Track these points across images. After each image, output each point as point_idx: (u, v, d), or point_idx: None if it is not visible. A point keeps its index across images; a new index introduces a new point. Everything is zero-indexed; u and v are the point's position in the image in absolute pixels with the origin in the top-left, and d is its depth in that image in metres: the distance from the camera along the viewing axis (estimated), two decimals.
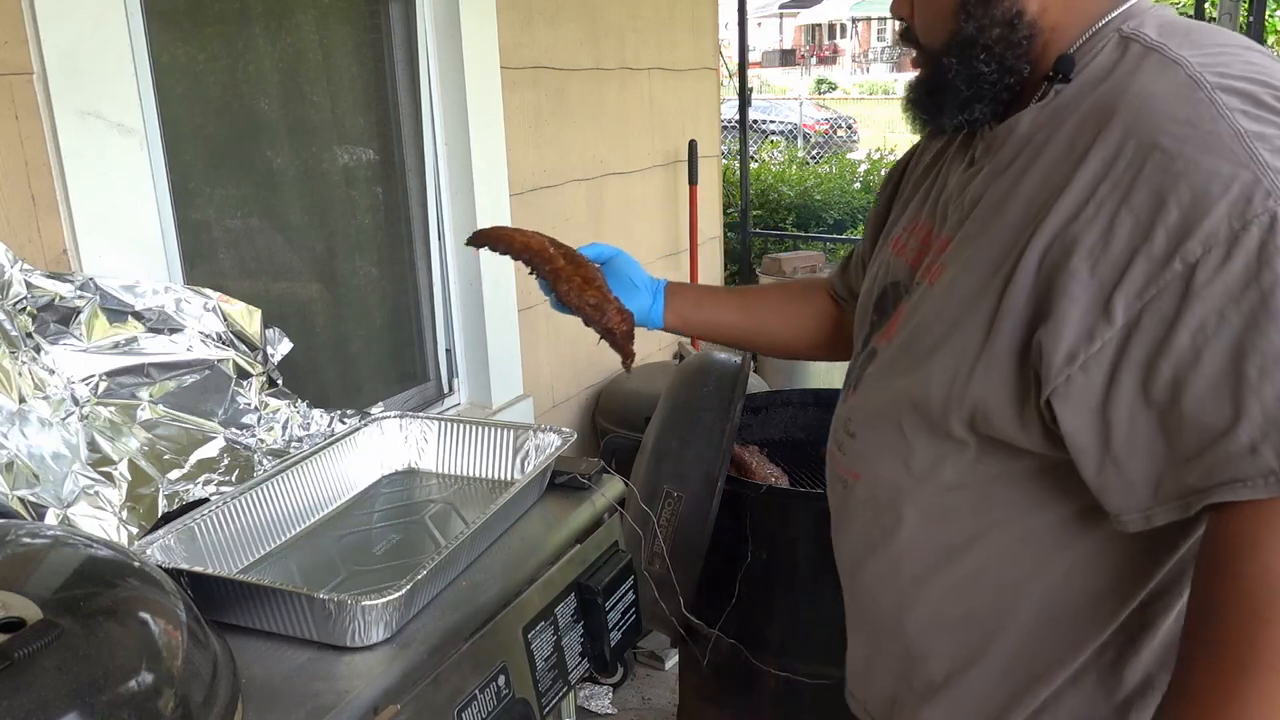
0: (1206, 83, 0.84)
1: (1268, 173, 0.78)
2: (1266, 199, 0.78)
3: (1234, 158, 0.79)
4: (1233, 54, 0.88)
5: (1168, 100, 0.84)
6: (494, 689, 1.20)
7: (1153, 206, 0.81)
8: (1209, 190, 0.79)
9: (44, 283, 1.46)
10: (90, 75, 1.60)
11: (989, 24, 0.95)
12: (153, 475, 1.44)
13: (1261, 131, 0.80)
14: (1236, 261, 0.78)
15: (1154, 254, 0.80)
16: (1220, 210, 0.78)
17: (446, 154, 2.54)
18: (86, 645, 0.82)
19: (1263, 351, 0.76)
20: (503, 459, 1.60)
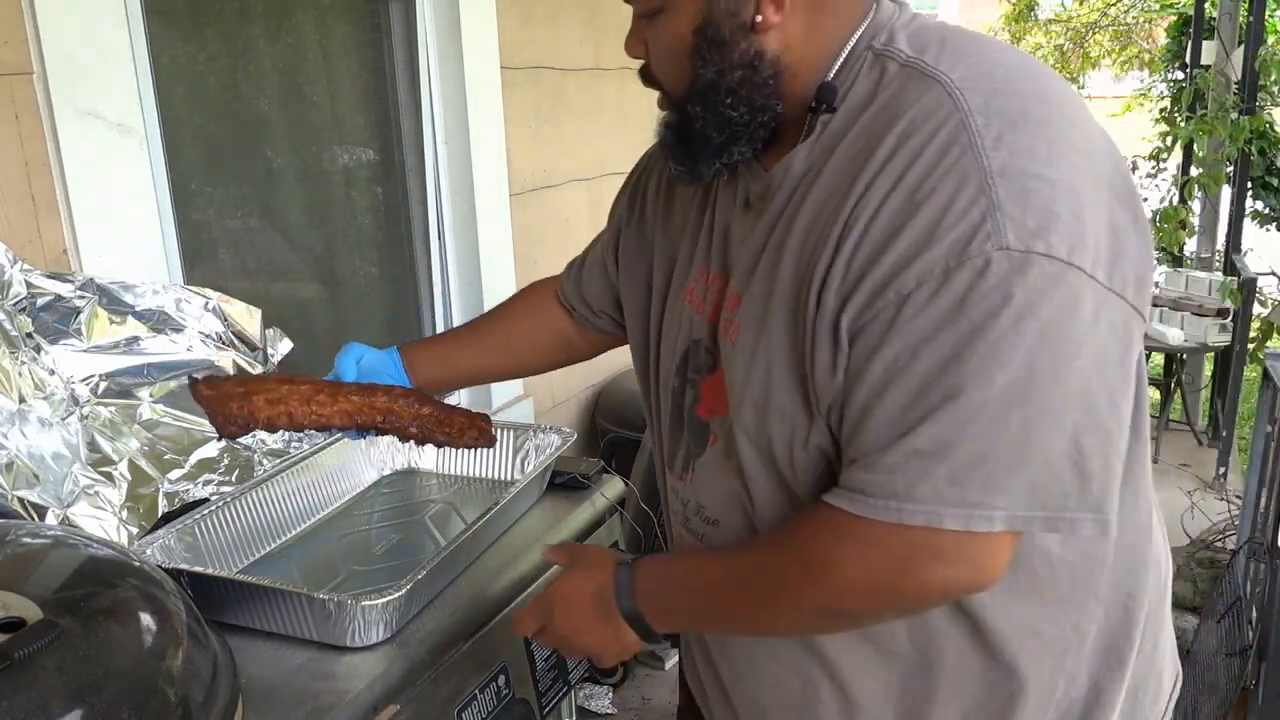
0: (965, 104, 0.80)
1: (996, 213, 0.76)
2: (985, 241, 0.76)
3: (972, 192, 0.77)
4: (992, 64, 0.84)
5: (925, 122, 0.81)
6: (494, 689, 1.20)
7: (889, 233, 0.79)
8: (938, 223, 0.77)
9: (44, 283, 1.46)
10: (90, 75, 1.60)
11: (728, 67, 0.89)
12: (153, 475, 1.44)
13: (1005, 165, 0.77)
14: (941, 300, 0.77)
15: (876, 279, 0.79)
16: (942, 245, 0.77)
17: (446, 154, 2.54)
18: (86, 645, 0.82)
19: (945, 391, 0.77)
20: (503, 459, 1.60)
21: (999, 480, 0.78)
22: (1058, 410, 0.78)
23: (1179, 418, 4.79)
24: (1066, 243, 0.76)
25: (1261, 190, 6.15)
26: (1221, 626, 2.50)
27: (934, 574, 0.81)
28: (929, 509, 0.78)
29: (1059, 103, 0.83)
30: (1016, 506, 0.78)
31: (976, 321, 0.76)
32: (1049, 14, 9.27)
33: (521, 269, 2.77)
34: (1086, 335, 0.78)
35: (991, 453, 0.77)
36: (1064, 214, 0.77)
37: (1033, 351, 0.76)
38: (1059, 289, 0.76)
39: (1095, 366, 0.79)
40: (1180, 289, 4.61)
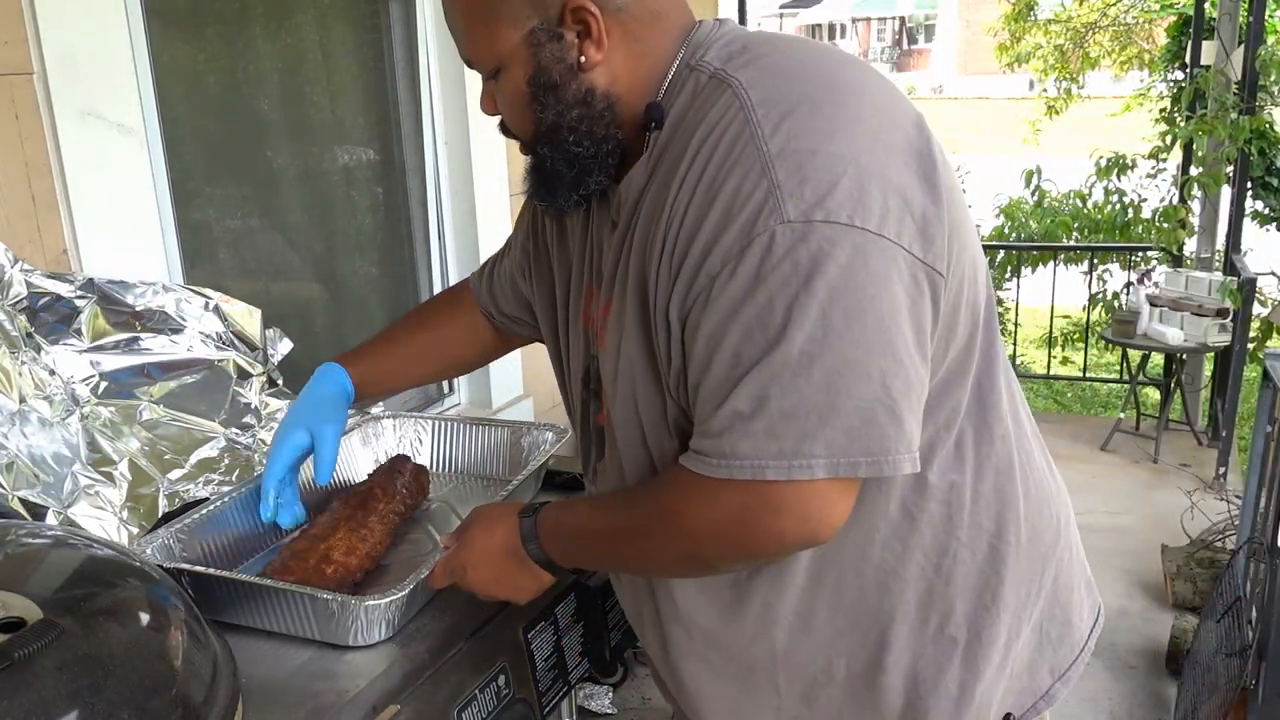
0: (748, 100, 0.88)
1: (776, 190, 0.84)
2: (770, 217, 0.83)
3: (755, 177, 0.85)
4: (782, 60, 0.92)
5: (718, 123, 0.89)
6: (494, 689, 1.20)
7: (695, 224, 0.88)
8: (730, 209, 0.85)
9: (44, 283, 1.46)
10: (90, 75, 1.60)
11: (565, 108, 0.97)
12: (153, 475, 1.44)
13: (782, 147, 0.85)
14: (740, 277, 0.85)
15: (690, 269, 0.88)
16: (735, 228, 0.85)
17: (446, 154, 2.54)
18: (86, 645, 0.82)
19: (751, 359, 0.85)
20: (499, 456, 1.61)
21: (813, 430, 0.84)
22: (861, 360, 0.84)
23: (1179, 418, 4.79)
24: (846, 208, 0.83)
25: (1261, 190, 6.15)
26: (1221, 626, 2.50)
27: (769, 525, 0.88)
28: (752, 463, 0.86)
29: (844, 85, 0.90)
30: (836, 453, 0.85)
31: (772, 289, 0.84)
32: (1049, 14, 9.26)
33: None
34: (879, 288, 0.84)
35: (802, 405, 0.84)
36: (843, 183, 0.84)
37: (825, 307, 0.83)
38: (841, 249, 0.83)
39: (891, 315, 0.85)
40: (1180, 289, 4.60)
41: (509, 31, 0.95)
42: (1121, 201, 5.40)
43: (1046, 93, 8.80)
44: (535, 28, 0.94)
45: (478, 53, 1.00)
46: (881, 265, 0.84)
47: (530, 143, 1.03)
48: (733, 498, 0.88)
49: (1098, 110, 9.16)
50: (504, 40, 0.96)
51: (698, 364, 0.89)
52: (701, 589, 1.03)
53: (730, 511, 0.89)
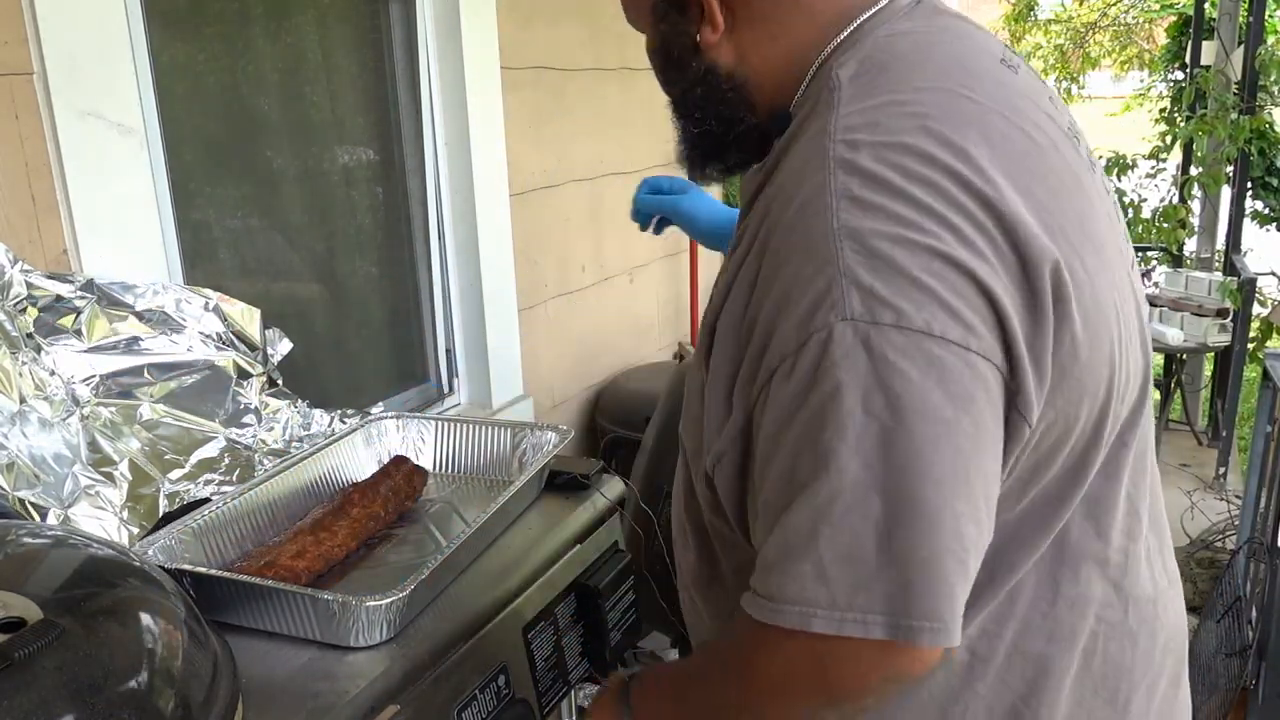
0: (831, 158, 0.75)
1: (840, 280, 0.70)
2: (829, 312, 0.70)
3: (819, 260, 0.72)
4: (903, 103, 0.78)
5: (797, 181, 0.77)
6: (494, 689, 1.20)
7: (758, 303, 0.77)
8: (790, 297, 0.73)
9: (44, 283, 1.46)
10: (90, 75, 1.60)
11: (687, 85, 0.92)
12: (153, 475, 1.44)
13: (857, 227, 0.71)
14: (795, 379, 0.72)
15: (753, 355, 0.77)
16: (792, 321, 0.72)
17: (446, 154, 2.54)
18: (86, 645, 0.82)
19: (801, 482, 0.72)
20: (501, 457, 1.61)
21: (867, 579, 0.70)
22: (930, 498, 0.69)
23: (1179, 418, 4.79)
24: (923, 311, 0.69)
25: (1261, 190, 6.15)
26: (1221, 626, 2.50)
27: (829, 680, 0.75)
28: (800, 610, 0.72)
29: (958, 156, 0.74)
30: (896, 612, 0.70)
31: (824, 400, 0.70)
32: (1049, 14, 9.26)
33: (521, 269, 2.77)
34: (958, 412, 0.70)
35: (856, 548, 0.70)
36: (921, 277, 0.70)
37: (887, 429, 0.69)
38: (913, 362, 0.69)
39: (972, 447, 0.71)
40: (1180, 289, 4.61)
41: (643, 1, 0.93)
42: (1121, 201, 5.40)
43: None
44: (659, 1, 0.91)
45: (630, 17, 0.97)
46: (965, 386, 0.70)
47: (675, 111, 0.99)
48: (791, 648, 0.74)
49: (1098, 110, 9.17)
50: (639, 8, 0.94)
51: (758, 469, 0.77)
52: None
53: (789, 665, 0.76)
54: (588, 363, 3.18)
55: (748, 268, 0.80)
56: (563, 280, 3.02)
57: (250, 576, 1.16)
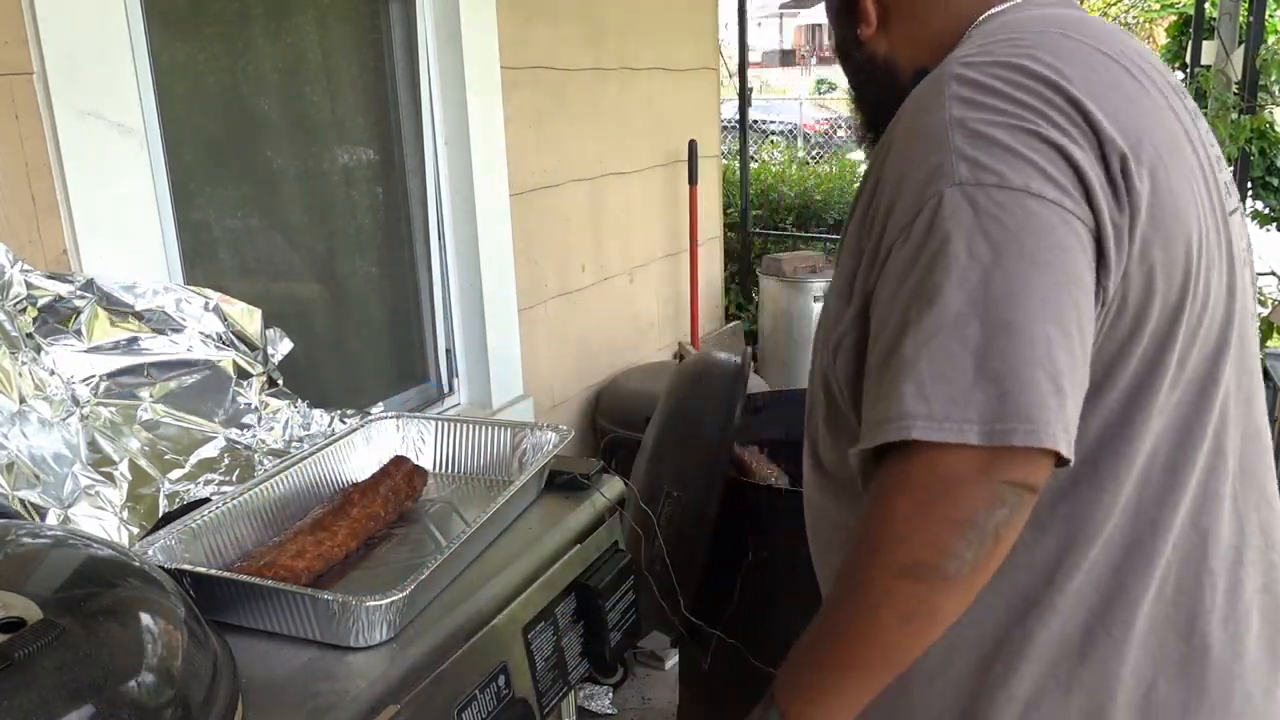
0: (947, 73, 0.90)
1: (949, 157, 0.84)
2: (940, 181, 0.84)
3: (931, 145, 0.86)
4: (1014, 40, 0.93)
5: (917, 96, 0.93)
6: (494, 689, 1.20)
7: (878, 194, 0.91)
8: (907, 178, 0.87)
9: (44, 283, 1.46)
10: (90, 75, 1.60)
11: (854, 71, 1.16)
12: (153, 475, 1.44)
13: (964, 117, 0.86)
14: (910, 244, 0.85)
15: (874, 242, 0.90)
16: (909, 197, 0.86)
17: (446, 154, 2.54)
18: (86, 645, 0.82)
19: (910, 321, 0.82)
20: (500, 458, 1.60)
21: (963, 393, 0.79)
22: (1024, 324, 0.79)
23: None
24: (1021, 174, 0.82)
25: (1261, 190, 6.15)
26: None
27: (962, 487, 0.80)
28: (899, 424, 0.80)
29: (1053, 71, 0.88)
30: (989, 419, 0.78)
31: (934, 252, 0.82)
32: None
33: (521, 269, 2.78)
34: (1052, 258, 0.81)
35: (953, 367, 0.80)
36: (1020, 149, 0.83)
37: (987, 269, 0.80)
38: (1012, 214, 0.81)
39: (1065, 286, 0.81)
40: None
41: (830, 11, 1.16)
42: None
43: None
44: (838, 8, 1.14)
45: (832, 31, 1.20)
46: (1059, 236, 0.82)
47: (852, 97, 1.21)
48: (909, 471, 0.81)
49: None
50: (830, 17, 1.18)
51: (874, 334, 0.87)
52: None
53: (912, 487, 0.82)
54: (588, 363, 3.18)
55: (870, 179, 0.94)
56: (563, 280, 3.02)
57: (250, 576, 1.16)
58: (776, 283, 4.10)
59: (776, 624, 1.94)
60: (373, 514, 1.37)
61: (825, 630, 0.91)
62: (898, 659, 0.87)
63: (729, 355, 2.09)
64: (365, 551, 1.36)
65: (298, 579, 1.21)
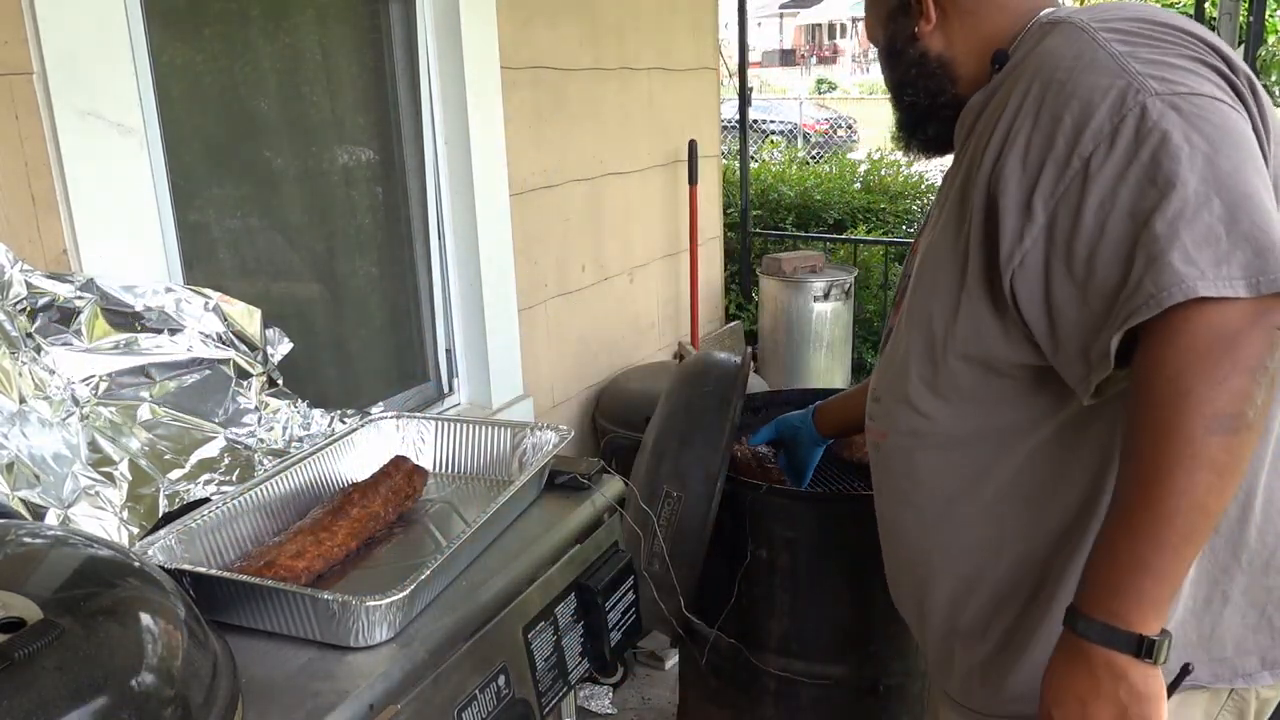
0: (1090, 28, 1.05)
1: (1136, 78, 0.98)
2: (1137, 95, 0.97)
3: (1110, 73, 0.99)
4: (1122, 10, 1.09)
5: (1061, 46, 1.06)
6: (494, 689, 1.20)
7: (1053, 122, 1.01)
8: (1092, 99, 0.99)
9: (44, 283, 1.46)
10: (90, 75, 1.60)
11: (905, 68, 1.26)
12: (153, 475, 1.44)
13: (1132, 51, 1.01)
14: (1119, 148, 0.96)
15: (1058, 158, 1.00)
16: (1103, 111, 0.98)
17: (446, 154, 2.54)
18: (86, 645, 0.82)
19: (1149, 209, 0.93)
20: (500, 458, 1.61)
21: (1227, 255, 0.90)
22: (1256, 193, 0.92)
23: None
24: (1205, 87, 0.97)
25: None
26: None
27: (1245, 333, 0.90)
28: (1178, 286, 0.90)
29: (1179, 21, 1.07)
30: (1253, 272, 0.89)
31: (1155, 148, 0.94)
32: None
33: (521, 269, 2.78)
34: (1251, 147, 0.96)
35: (1211, 233, 0.90)
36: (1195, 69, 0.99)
37: (1209, 156, 0.93)
38: (1214, 114, 0.95)
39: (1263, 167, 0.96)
40: None
41: (882, 11, 1.28)
42: None
43: None
44: (894, 7, 1.26)
45: (870, 31, 1.33)
46: (1246, 131, 0.97)
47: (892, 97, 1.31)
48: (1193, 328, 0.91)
49: None
50: (877, 18, 1.30)
51: (1087, 236, 0.97)
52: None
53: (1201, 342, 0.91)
54: (588, 363, 3.18)
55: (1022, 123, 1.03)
56: (563, 280, 3.02)
57: (250, 576, 1.16)
58: (776, 283, 4.10)
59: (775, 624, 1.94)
60: (373, 514, 1.37)
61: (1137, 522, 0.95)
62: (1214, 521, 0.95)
63: (729, 355, 2.09)
64: (365, 551, 1.36)
65: (298, 579, 1.21)
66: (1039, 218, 1.01)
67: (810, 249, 4.75)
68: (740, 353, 2.05)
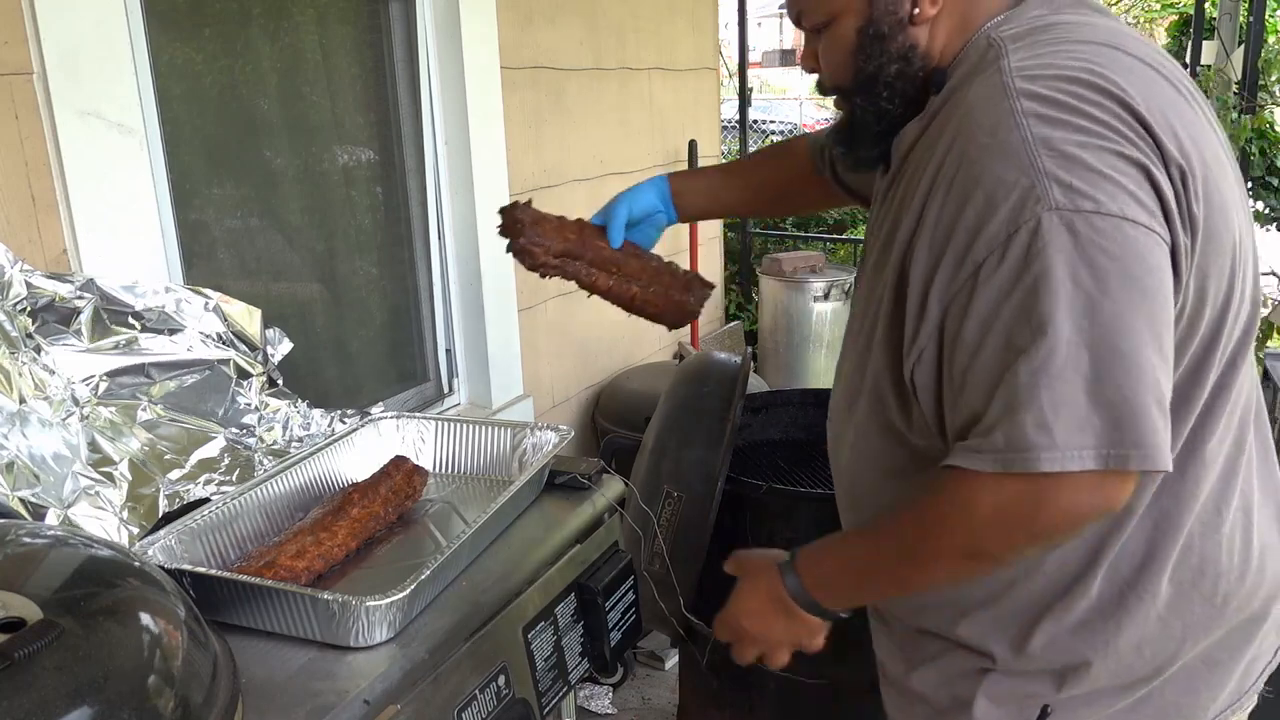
0: (1013, 89, 0.91)
1: (1043, 178, 0.86)
2: (1036, 204, 0.86)
3: (1018, 165, 0.87)
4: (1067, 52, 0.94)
5: (981, 108, 0.92)
6: (494, 689, 1.20)
7: (958, 209, 0.91)
8: (995, 195, 0.88)
9: (44, 283, 1.46)
10: (90, 75, 1.60)
11: (886, 61, 1.03)
12: (153, 475, 1.44)
13: (1048, 136, 0.87)
14: (1008, 263, 0.87)
15: (956, 253, 0.91)
16: (1001, 215, 0.87)
17: (446, 154, 2.54)
18: (86, 645, 0.82)
19: (1020, 348, 0.86)
20: (500, 458, 1.60)
21: (1082, 420, 0.84)
22: (1132, 352, 0.84)
23: None
24: (1118, 200, 0.85)
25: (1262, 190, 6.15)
26: None
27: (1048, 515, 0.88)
28: (1024, 455, 0.85)
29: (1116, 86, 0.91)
30: (1105, 444, 0.84)
31: (1038, 277, 0.85)
32: None
33: (521, 269, 2.77)
34: (1153, 281, 0.85)
35: (1070, 396, 0.84)
36: (1110, 173, 0.86)
37: (1093, 297, 0.84)
38: (1113, 241, 0.84)
39: (1163, 310, 0.86)
40: None
41: None
42: None
43: None
44: None
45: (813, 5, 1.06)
46: (1156, 259, 0.86)
47: (848, 92, 1.09)
48: (1010, 490, 0.88)
49: None
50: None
51: (966, 349, 0.91)
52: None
53: (1009, 505, 0.89)
54: (588, 363, 3.18)
55: (936, 194, 0.93)
56: (563, 280, 3.01)
57: (250, 576, 1.16)
58: (776, 283, 4.10)
59: None
60: (373, 514, 1.37)
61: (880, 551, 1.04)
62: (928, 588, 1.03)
63: (729, 355, 2.10)
64: (365, 551, 1.36)
65: (298, 579, 1.21)
66: (933, 314, 0.94)
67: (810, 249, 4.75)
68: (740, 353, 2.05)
